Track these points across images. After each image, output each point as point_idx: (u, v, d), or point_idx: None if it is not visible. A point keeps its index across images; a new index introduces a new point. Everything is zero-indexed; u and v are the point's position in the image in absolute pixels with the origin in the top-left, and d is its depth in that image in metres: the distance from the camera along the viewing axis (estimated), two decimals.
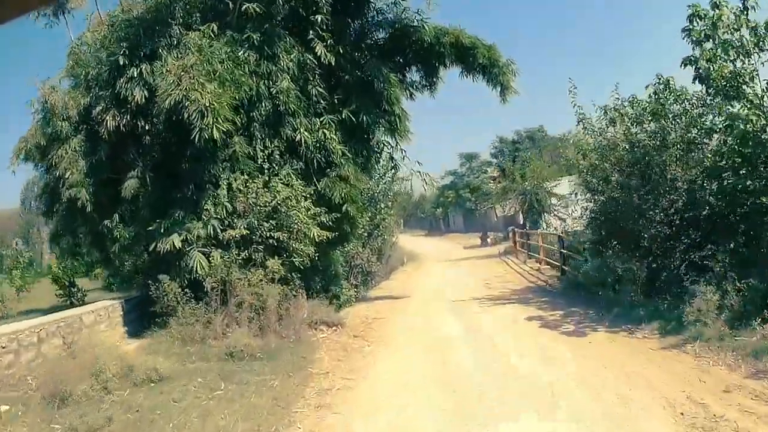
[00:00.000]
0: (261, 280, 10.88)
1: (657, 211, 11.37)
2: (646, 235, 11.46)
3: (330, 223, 12.09)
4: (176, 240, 11.22)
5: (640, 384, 7.15)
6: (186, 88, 10.80)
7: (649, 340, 9.11)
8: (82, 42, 14.47)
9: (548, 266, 20.08)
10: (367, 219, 19.62)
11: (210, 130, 10.55)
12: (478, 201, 51.39)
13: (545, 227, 29.21)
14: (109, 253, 14.23)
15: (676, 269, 11.28)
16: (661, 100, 11.62)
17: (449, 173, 58.03)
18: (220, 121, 10.68)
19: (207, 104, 10.61)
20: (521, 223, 35.51)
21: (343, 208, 12.42)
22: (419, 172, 14.52)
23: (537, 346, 9.42)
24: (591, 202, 12.79)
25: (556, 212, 29.80)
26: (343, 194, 12.32)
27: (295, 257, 11.54)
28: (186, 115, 10.68)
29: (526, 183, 31.03)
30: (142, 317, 11.86)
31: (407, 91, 14.52)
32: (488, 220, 49.57)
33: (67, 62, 14.21)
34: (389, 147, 14.36)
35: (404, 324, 12.68)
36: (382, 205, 22.21)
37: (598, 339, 9.55)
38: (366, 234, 20.45)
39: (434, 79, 14.94)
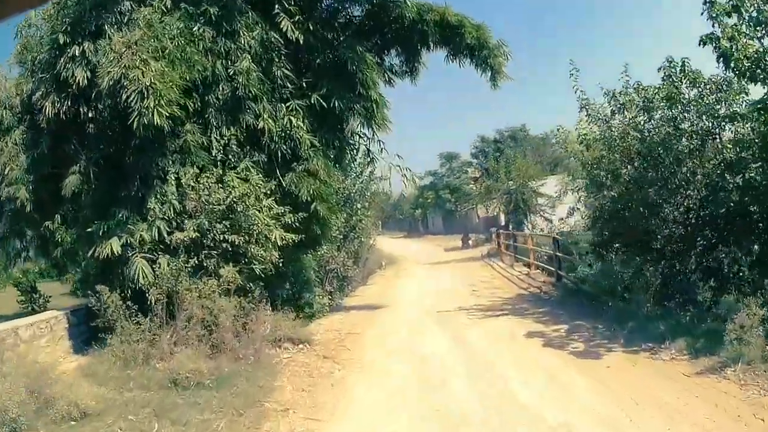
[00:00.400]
0: (213, 292, 9.21)
1: (671, 208, 10.00)
2: (659, 236, 10.06)
3: (296, 224, 10.45)
4: (115, 244, 9.72)
5: (684, 425, 5.63)
6: (125, 66, 9.30)
7: (678, 363, 7.61)
8: (29, 24, 12.79)
9: (539, 271, 18.60)
10: (342, 220, 18.24)
11: (151, 114, 9.03)
12: (458, 202, 50.22)
13: (531, 228, 27.94)
14: (56, 258, 13.11)
15: (691, 274, 9.99)
16: (676, 84, 10.22)
17: (429, 173, 56.87)
18: (164, 104, 9.17)
19: (148, 84, 9.11)
20: (503, 224, 34.43)
21: (312, 206, 10.81)
22: (399, 166, 12.92)
23: (544, 372, 7.82)
24: (595, 198, 11.22)
25: (542, 212, 28.71)
26: (311, 191, 10.70)
27: (255, 264, 9.89)
28: (124, 97, 9.21)
29: (511, 182, 29.72)
30: (91, 330, 10.37)
31: (385, 76, 12.93)
32: (469, 222, 48.44)
33: (15, 47, 12.68)
34: (365, 139, 12.82)
35: (382, 341, 10.97)
36: (359, 206, 20.71)
37: (616, 362, 8.00)
38: (341, 236, 18.98)
39: (416, 64, 13.43)
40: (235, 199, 9.56)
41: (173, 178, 9.98)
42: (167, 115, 9.20)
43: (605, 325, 9.95)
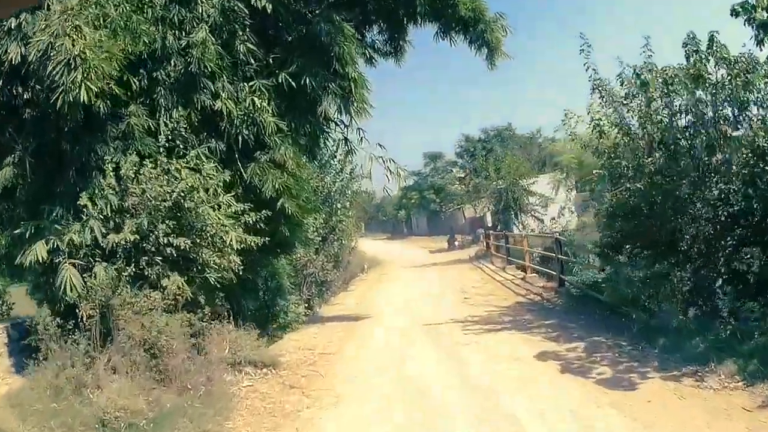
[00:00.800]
0: (153, 308, 7.54)
1: (700, 204, 8.57)
2: (686, 236, 8.60)
3: (260, 224, 8.81)
4: (41, 249, 8.15)
5: None
6: (54, 33, 7.73)
7: (733, 392, 6.09)
8: None
9: (536, 274, 17.08)
10: (321, 221, 16.74)
11: (77, 89, 7.41)
12: (443, 202, 48.87)
13: (522, 228, 26.56)
14: None
15: (720, 278, 8.64)
16: (703, 61, 8.81)
17: (413, 174, 55.47)
18: (95, 79, 7.55)
19: (76, 54, 7.51)
20: (490, 224, 33.12)
21: (278, 203, 9.20)
22: (381, 158, 11.26)
23: (570, 414, 6.06)
24: (612, 193, 9.64)
25: (533, 212, 27.38)
26: (277, 185, 9.09)
27: (209, 272, 8.24)
28: (50, 69, 7.65)
29: (501, 180, 28.31)
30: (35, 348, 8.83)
31: (366, 53, 11.33)
32: (455, 222, 47.13)
33: None
34: (342, 126, 11.18)
35: (362, 365, 9.22)
36: (339, 205, 19.21)
37: (656, 392, 6.37)
38: (320, 238, 17.43)
39: (401, 43, 11.94)
40: (182, 194, 7.89)
41: (111, 168, 8.37)
42: (99, 91, 7.64)
43: (630, 342, 8.34)
